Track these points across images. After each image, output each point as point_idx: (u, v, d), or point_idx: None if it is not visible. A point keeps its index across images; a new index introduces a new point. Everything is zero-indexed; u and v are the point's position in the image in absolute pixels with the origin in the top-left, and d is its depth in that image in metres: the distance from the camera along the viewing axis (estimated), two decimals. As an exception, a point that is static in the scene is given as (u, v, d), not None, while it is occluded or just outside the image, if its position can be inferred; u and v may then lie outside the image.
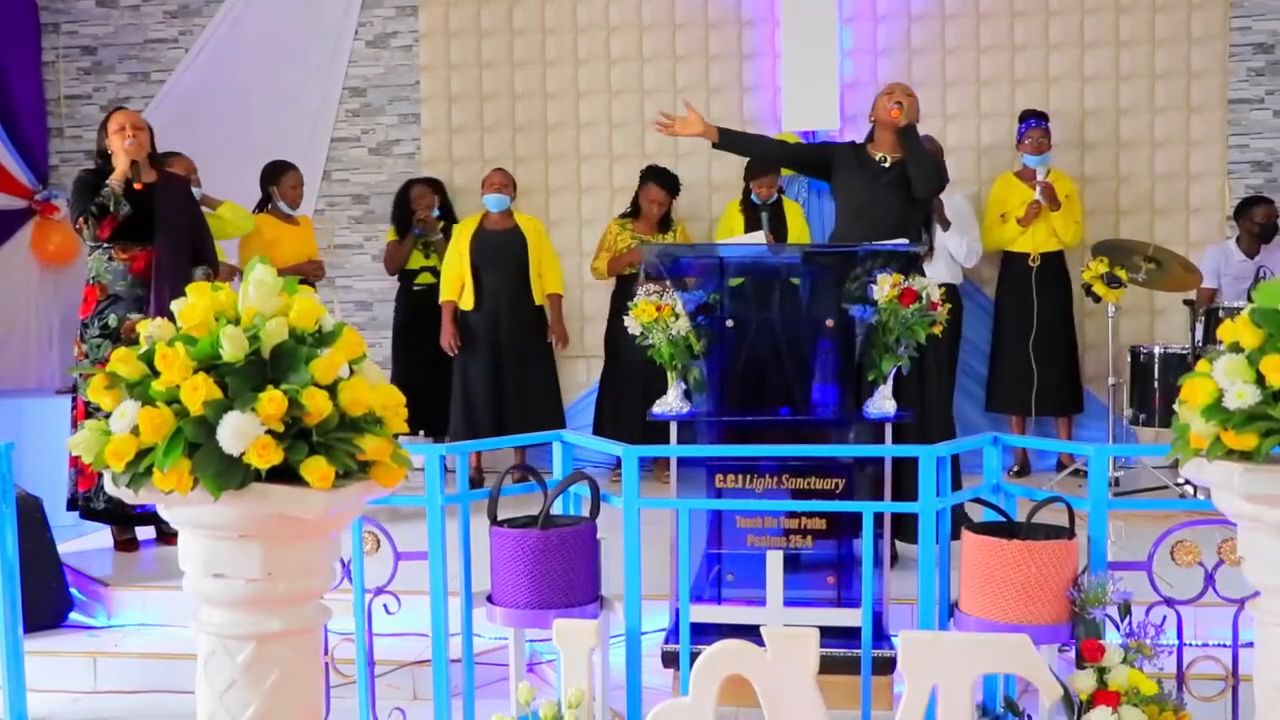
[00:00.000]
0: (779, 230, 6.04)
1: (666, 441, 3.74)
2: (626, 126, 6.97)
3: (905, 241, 4.16)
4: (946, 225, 5.93)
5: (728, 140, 4.60)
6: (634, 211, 6.38)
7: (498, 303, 6.07)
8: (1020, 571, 2.88)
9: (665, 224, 6.36)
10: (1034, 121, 6.26)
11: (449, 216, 6.64)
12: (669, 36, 6.98)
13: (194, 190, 5.39)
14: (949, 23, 6.83)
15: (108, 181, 4.72)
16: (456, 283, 6.10)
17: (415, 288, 6.51)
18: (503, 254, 6.09)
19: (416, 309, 6.48)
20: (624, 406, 6.28)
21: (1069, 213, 6.27)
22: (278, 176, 6.17)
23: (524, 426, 5.63)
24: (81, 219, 4.74)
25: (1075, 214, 6.36)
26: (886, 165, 4.52)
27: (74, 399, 4.91)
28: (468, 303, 6.08)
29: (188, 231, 4.91)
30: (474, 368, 6.10)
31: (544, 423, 5.82)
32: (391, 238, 6.63)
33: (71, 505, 4.93)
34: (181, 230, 4.87)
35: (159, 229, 4.80)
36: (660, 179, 6.28)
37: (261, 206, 6.18)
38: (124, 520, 4.93)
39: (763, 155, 4.89)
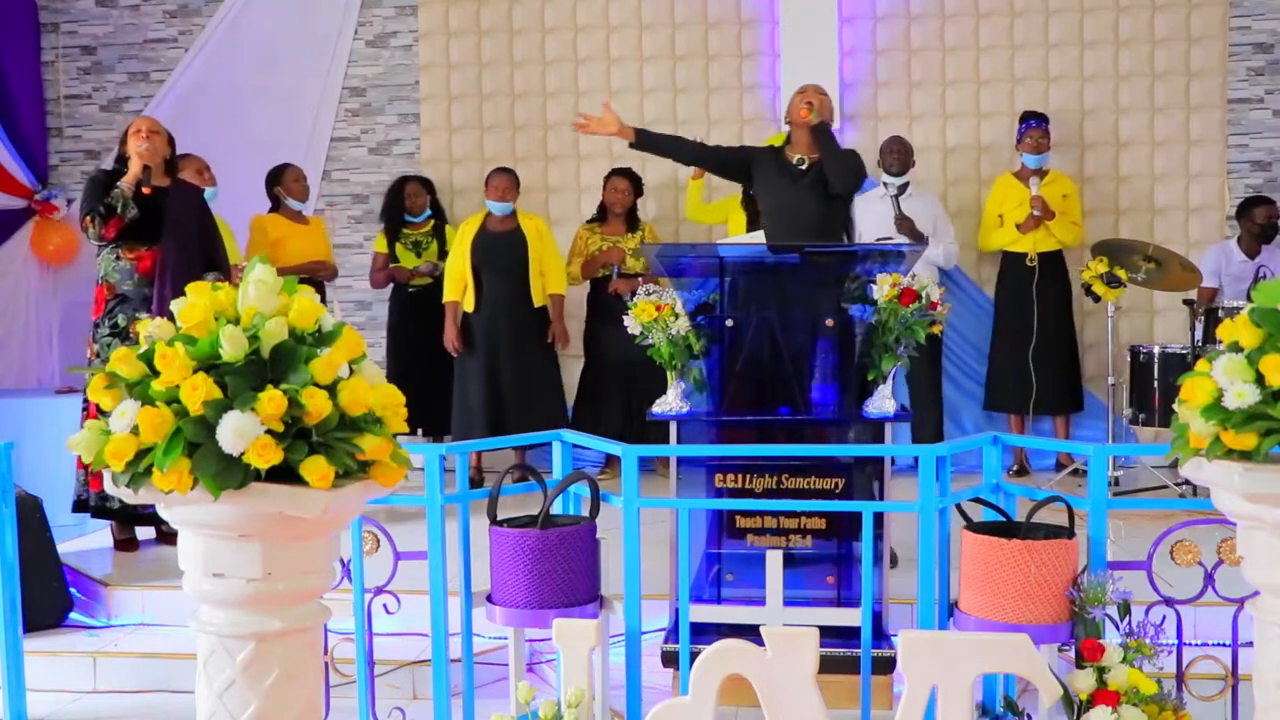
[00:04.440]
0: None
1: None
2: (626, 126, 6.97)
3: (906, 241, 4.17)
4: (925, 241, 5.85)
5: (645, 140, 4.61)
6: (600, 216, 6.49)
7: (498, 303, 6.06)
8: (1020, 571, 2.88)
9: (633, 224, 6.40)
10: (1033, 122, 6.28)
11: (440, 216, 6.63)
12: (669, 36, 6.98)
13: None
14: (949, 22, 6.82)
15: (119, 184, 4.73)
16: (459, 282, 6.09)
17: (410, 289, 6.49)
18: (504, 254, 6.08)
19: (411, 308, 6.46)
20: (603, 406, 6.30)
21: (1066, 213, 6.26)
22: (279, 176, 6.36)
23: (527, 427, 5.61)
24: (88, 217, 4.74)
25: (1074, 214, 6.35)
26: (804, 167, 4.52)
27: (85, 400, 4.89)
28: (469, 303, 6.08)
29: (196, 236, 4.90)
30: (472, 369, 6.09)
31: (549, 423, 5.81)
32: (380, 249, 6.53)
33: (80, 506, 4.91)
34: (189, 232, 4.86)
35: (166, 229, 4.79)
36: (623, 171, 6.44)
37: (273, 209, 6.33)
38: (138, 518, 4.92)
39: (681, 157, 4.84)
